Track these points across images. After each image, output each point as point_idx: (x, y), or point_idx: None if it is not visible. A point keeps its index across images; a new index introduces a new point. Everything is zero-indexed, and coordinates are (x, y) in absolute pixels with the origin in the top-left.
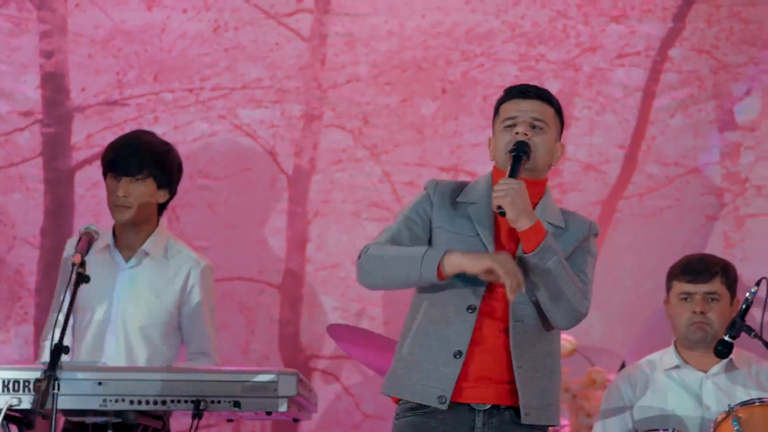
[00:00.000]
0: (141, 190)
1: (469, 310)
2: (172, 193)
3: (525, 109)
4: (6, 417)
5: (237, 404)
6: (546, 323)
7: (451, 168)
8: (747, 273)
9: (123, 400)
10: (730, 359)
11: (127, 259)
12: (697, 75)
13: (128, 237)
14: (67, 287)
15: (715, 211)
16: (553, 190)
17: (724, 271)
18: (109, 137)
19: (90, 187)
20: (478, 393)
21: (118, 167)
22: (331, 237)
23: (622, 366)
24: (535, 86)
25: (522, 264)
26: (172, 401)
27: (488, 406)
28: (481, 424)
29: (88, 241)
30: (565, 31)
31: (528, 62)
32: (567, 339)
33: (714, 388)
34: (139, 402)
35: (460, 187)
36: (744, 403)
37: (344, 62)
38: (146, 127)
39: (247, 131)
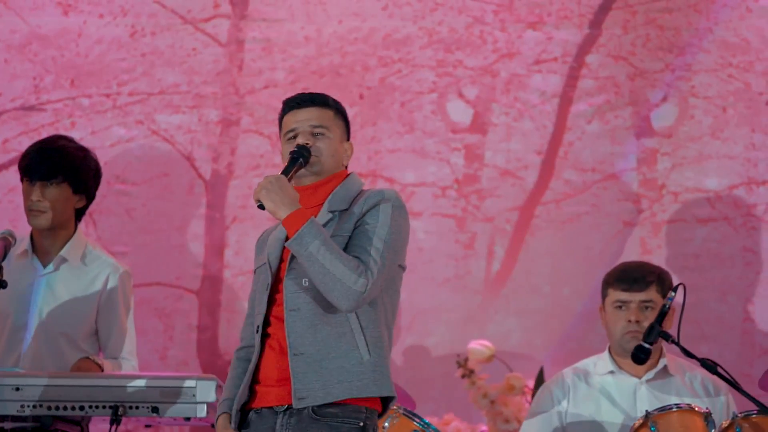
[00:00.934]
0: (56, 195)
1: (257, 331)
2: (90, 198)
3: (303, 118)
4: None
5: (155, 410)
6: (331, 306)
7: (369, 174)
8: None
9: (41, 406)
10: (665, 366)
11: (45, 265)
12: (614, 81)
13: (46, 242)
14: None
15: (632, 217)
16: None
17: (660, 280)
18: (26, 142)
19: (7, 192)
20: (273, 395)
21: (33, 172)
22: (249, 243)
23: (541, 372)
24: (310, 94)
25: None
26: (90, 407)
27: (285, 407)
28: (279, 425)
29: (4, 246)
30: (482, 38)
31: (445, 68)
32: (485, 344)
33: (648, 394)
34: (57, 408)
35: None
36: (661, 409)
37: (261, 68)
38: (63, 133)
39: (164, 136)
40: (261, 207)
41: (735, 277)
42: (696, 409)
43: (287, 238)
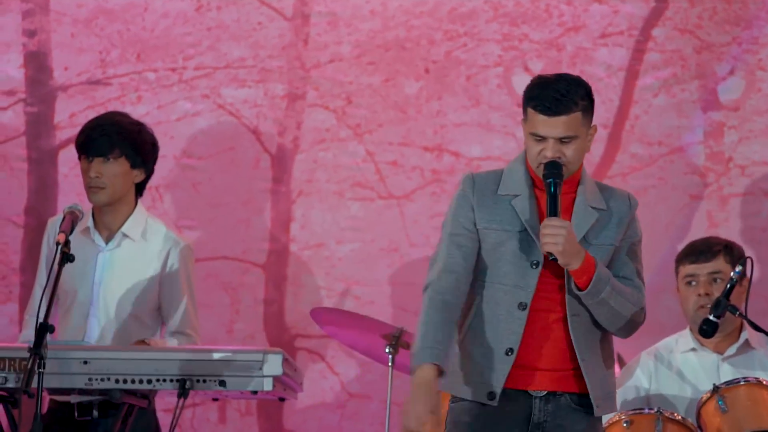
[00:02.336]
0: (114, 170)
1: (521, 308)
2: (149, 173)
3: (552, 126)
4: None
5: (222, 383)
6: None
7: (435, 148)
8: None
9: (108, 379)
10: (746, 340)
11: (106, 241)
12: (681, 55)
13: (107, 218)
14: (51, 266)
15: (698, 190)
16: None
17: (728, 250)
18: (93, 116)
19: (74, 166)
20: (534, 380)
21: (90, 148)
22: (315, 216)
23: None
24: (559, 99)
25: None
26: (158, 380)
27: (544, 393)
28: (537, 411)
29: (71, 220)
30: (548, 11)
31: (511, 42)
32: None
33: (732, 370)
34: (125, 381)
35: (497, 178)
36: (729, 383)
37: (327, 42)
38: (129, 107)
39: (230, 111)
40: (553, 259)
41: None
42: (764, 382)
43: (578, 287)
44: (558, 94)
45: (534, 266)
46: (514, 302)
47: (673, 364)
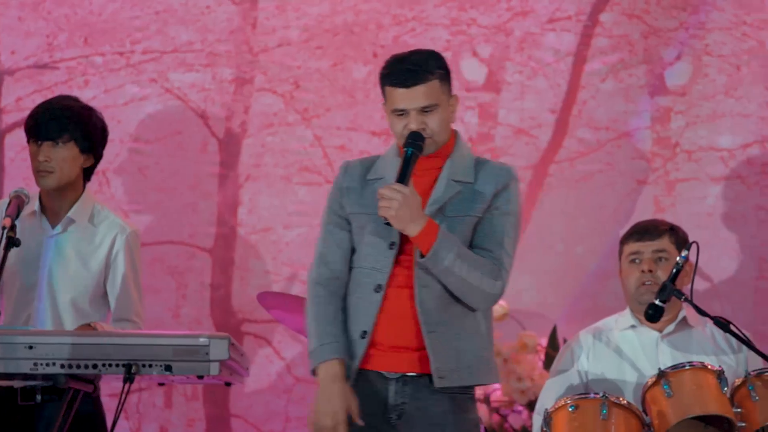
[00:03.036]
0: (63, 154)
1: (376, 290)
2: (97, 158)
3: (412, 98)
4: None
5: (168, 368)
6: None
7: (383, 132)
8: None
9: (54, 364)
10: (684, 318)
11: (53, 226)
12: (628, 40)
13: (54, 203)
14: None
15: (645, 175)
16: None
17: (673, 232)
18: (39, 100)
19: (20, 150)
20: (388, 361)
21: (39, 132)
22: (263, 201)
23: (554, 330)
24: (414, 70)
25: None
26: (104, 365)
27: (399, 375)
28: (393, 393)
29: (17, 204)
30: None
31: (459, 27)
32: (499, 303)
33: (670, 347)
34: (70, 366)
35: (371, 163)
36: (674, 367)
37: (275, 26)
38: (76, 91)
39: (178, 95)
40: (388, 224)
41: (748, 235)
42: (709, 367)
43: (421, 255)
44: (412, 65)
45: (391, 247)
46: (371, 285)
47: (611, 342)
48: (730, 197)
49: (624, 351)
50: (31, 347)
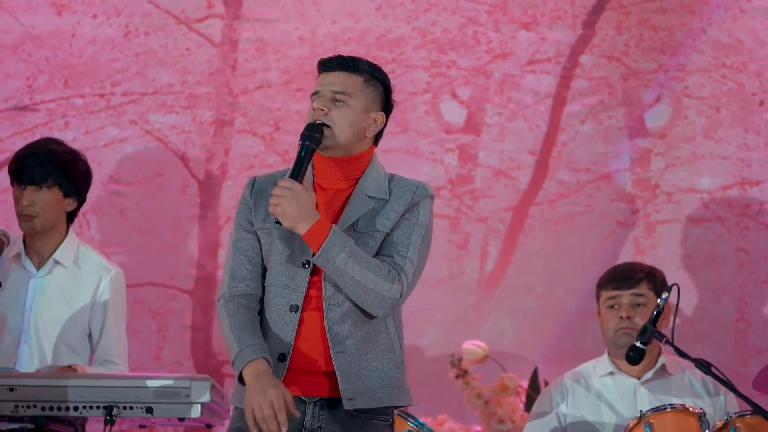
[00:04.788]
0: (46, 199)
1: (292, 310)
2: (81, 201)
3: (327, 82)
4: None
5: (149, 410)
6: None
7: None
8: None
9: (35, 406)
10: (663, 365)
11: (38, 267)
12: (608, 82)
13: (38, 245)
14: None
15: (625, 217)
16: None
17: (650, 276)
18: (20, 143)
19: (1, 191)
20: (305, 385)
21: (23, 176)
22: None
23: (535, 372)
24: (344, 57)
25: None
26: (84, 407)
27: (317, 398)
28: (311, 417)
29: None
30: (476, 38)
31: (439, 68)
32: (478, 345)
33: (648, 394)
34: (51, 408)
35: (282, 175)
36: (656, 409)
37: (255, 68)
38: (57, 133)
39: (158, 136)
40: (278, 223)
41: (728, 277)
42: (690, 409)
43: (312, 255)
44: (345, 57)
45: (305, 266)
46: (285, 304)
47: (591, 388)
48: (710, 239)
49: (604, 397)
50: (12, 389)
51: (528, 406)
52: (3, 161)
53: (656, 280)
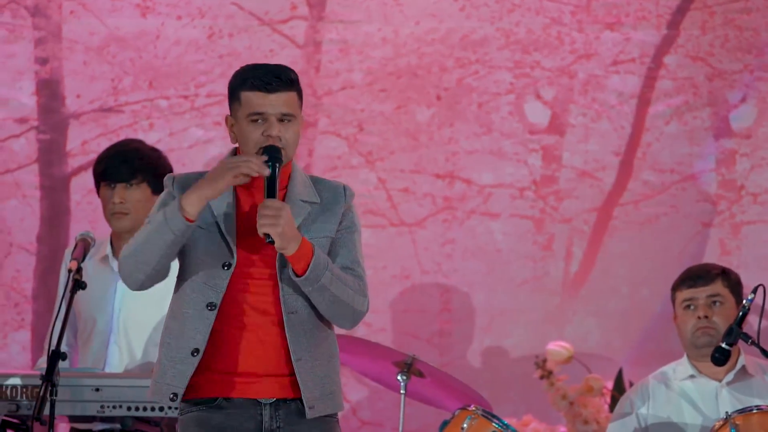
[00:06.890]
0: (137, 196)
1: (209, 308)
2: None
3: (273, 103)
4: (4, 423)
5: None
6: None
7: (447, 175)
8: (744, 280)
9: (120, 407)
10: (743, 366)
11: None
12: (692, 82)
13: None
14: (63, 294)
15: (710, 218)
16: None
17: (725, 274)
18: (105, 144)
19: (86, 193)
20: (260, 387)
21: (112, 175)
22: None
23: (620, 373)
24: (279, 73)
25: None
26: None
27: (273, 400)
28: (268, 417)
29: (84, 247)
30: (560, 38)
31: (523, 69)
32: (564, 346)
33: (730, 397)
34: (136, 408)
35: (192, 179)
36: (741, 411)
37: (339, 69)
38: (141, 134)
39: None
40: (270, 242)
41: None
42: None
43: (296, 274)
44: (275, 72)
45: (226, 267)
46: (202, 301)
47: (673, 389)
48: None
49: (685, 400)
50: (97, 389)
51: (612, 406)
52: (89, 162)
53: (731, 279)
